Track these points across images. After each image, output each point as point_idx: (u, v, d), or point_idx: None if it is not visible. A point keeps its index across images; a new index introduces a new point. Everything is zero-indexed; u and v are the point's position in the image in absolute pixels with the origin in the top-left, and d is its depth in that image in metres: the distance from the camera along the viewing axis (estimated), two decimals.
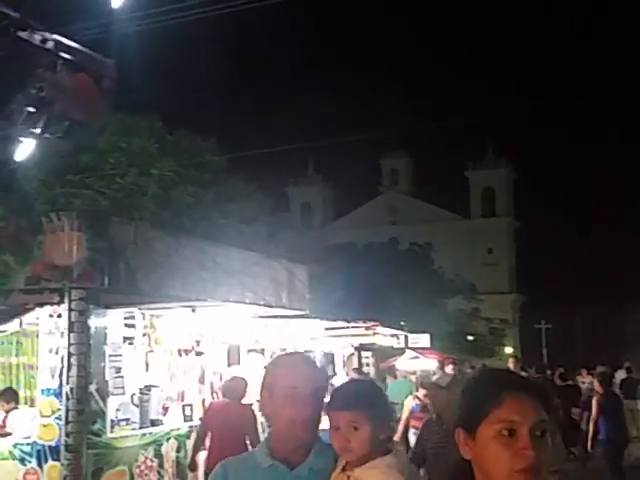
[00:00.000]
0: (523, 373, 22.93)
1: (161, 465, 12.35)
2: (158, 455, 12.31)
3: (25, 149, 23.04)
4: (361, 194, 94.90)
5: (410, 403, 13.68)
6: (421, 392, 12.17)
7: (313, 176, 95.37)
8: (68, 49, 22.17)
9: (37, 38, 21.64)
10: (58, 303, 11.18)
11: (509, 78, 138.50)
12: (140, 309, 12.31)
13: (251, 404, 11.63)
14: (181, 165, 30.62)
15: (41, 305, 11.36)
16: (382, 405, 3.27)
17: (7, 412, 12.22)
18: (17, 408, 12.37)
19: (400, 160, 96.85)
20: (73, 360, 10.92)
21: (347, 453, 3.09)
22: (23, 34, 21.18)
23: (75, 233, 11.40)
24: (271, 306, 15.44)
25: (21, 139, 22.55)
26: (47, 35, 22.02)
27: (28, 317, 11.68)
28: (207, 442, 11.37)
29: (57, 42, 22.39)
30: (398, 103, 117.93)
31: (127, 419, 11.82)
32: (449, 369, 19.58)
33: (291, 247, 33.18)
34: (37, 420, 10.98)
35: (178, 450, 12.79)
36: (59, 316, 11.18)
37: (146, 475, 12.01)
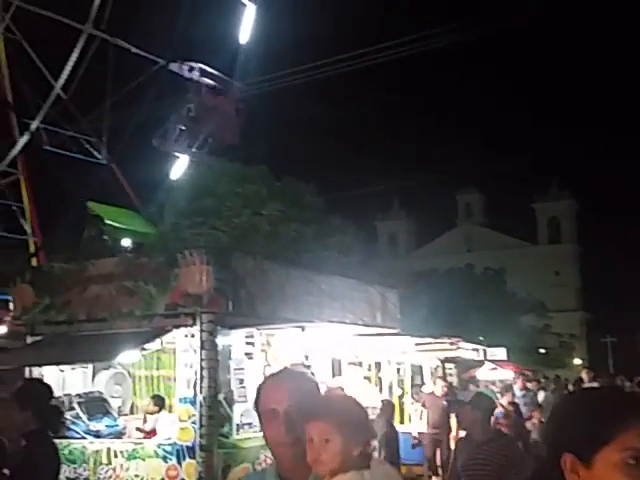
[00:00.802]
0: (595, 383, 22.17)
1: None
2: None
3: (179, 166, 23.85)
4: (440, 226, 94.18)
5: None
6: (504, 399, 11.96)
7: (398, 211, 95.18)
8: (210, 76, 23.01)
9: (185, 68, 22.51)
10: (191, 325, 11.52)
11: (569, 115, 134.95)
12: (258, 329, 12.52)
13: None
14: (286, 206, 31.11)
15: (178, 327, 11.71)
16: (356, 418, 2.72)
17: (151, 413, 12.58)
18: (159, 413, 12.72)
19: (473, 195, 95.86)
20: (205, 373, 11.21)
21: (318, 465, 2.65)
22: (174, 66, 22.11)
23: (204, 267, 11.75)
24: (367, 325, 15.46)
25: (176, 154, 23.31)
26: (193, 64, 22.90)
27: (167, 337, 12.05)
28: None
29: (201, 70, 23.23)
30: (470, 145, 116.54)
31: (250, 423, 11.99)
32: (531, 385, 19.14)
33: (381, 273, 33.17)
34: (176, 424, 11.29)
35: None
36: (192, 336, 11.51)
37: None
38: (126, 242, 22.35)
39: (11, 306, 13.00)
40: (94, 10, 22.82)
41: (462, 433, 9.73)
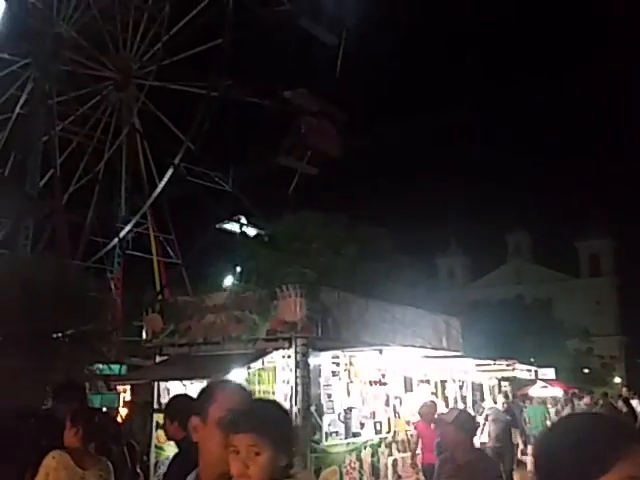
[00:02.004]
0: (635, 400, 20.98)
1: (361, 467, 12.33)
2: (358, 459, 12.31)
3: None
4: (492, 261, 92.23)
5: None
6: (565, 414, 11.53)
7: (455, 249, 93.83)
8: (315, 99, 23.46)
9: (293, 94, 23.03)
10: (288, 348, 11.65)
11: (606, 162, 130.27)
12: (343, 351, 12.53)
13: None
14: (362, 247, 31.20)
15: (277, 349, 11.86)
16: (286, 429, 2.36)
17: None
18: None
19: (521, 235, 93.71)
20: (299, 388, 11.29)
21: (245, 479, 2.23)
22: (287, 94, 22.73)
23: (298, 299, 11.91)
24: (434, 348, 15.26)
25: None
26: (301, 90, 23.40)
27: (267, 358, 12.19)
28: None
29: (308, 94, 23.63)
30: (518, 190, 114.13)
31: (336, 431, 11.96)
32: (586, 400, 18.28)
33: (442, 303, 32.66)
34: None
35: (372, 455, 12.72)
36: (289, 357, 11.64)
37: (350, 474, 12.02)
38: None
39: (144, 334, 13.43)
40: (214, 78, 23.66)
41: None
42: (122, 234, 25.00)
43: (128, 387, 17.30)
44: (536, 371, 24.95)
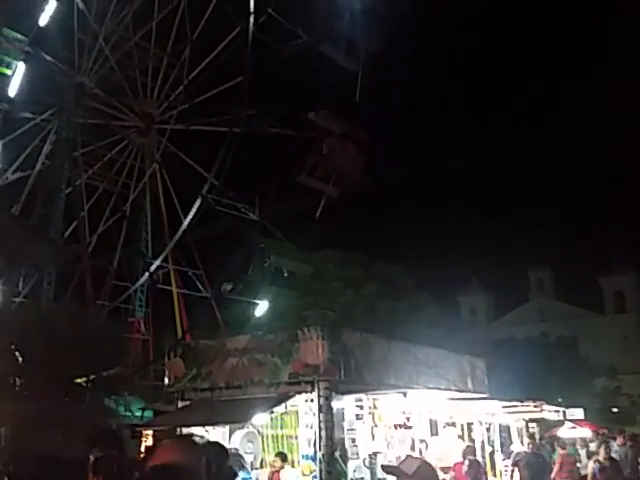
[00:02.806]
0: None
1: None
2: None
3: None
4: (515, 298, 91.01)
5: (591, 466, 12.48)
6: (601, 455, 11.13)
7: (477, 286, 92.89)
8: (338, 121, 23.68)
9: (316, 115, 23.23)
10: (311, 391, 11.52)
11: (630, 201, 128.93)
12: (366, 394, 12.35)
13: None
14: (382, 286, 31.02)
15: (299, 393, 11.73)
16: None
17: (278, 470, 12.45)
18: (284, 468, 12.58)
19: (544, 271, 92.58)
20: (323, 433, 11.10)
21: None
22: (311, 115, 22.97)
23: (320, 341, 11.83)
24: (460, 390, 14.98)
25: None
26: (324, 112, 23.58)
27: (290, 401, 12.05)
28: None
29: (330, 116, 23.83)
30: (538, 226, 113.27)
31: (361, 478, 11.70)
32: (620, 441, 17.69)
33: (465, 343, 32.14)
34: (300, 478, 11.15)
35: None
36: (311, 401, 11.50)
37: None
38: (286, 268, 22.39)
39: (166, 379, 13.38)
40: (215, 167, 24.34)
41: None
42: (143, 278, 25.22)
43: (150, 432, 17.15)
44: (564, 411, 24.30)
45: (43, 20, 25.48)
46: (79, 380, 14.80)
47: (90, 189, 26.23)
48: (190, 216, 24.08)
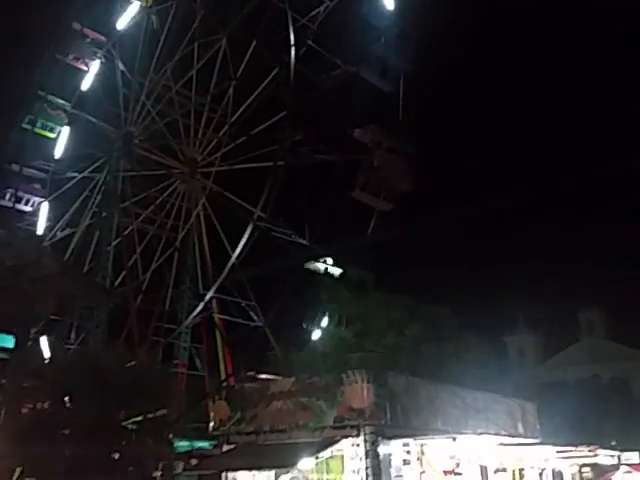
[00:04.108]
0: None
1: None
2: None
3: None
4: (564, 339, 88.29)
5: None
6: None
7: (524, 327, 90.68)
8: (388, 136, 23.94)
9: (363, 131, 23.53)
10: (356, 436, 11.36)
11: None
12: (414, 439, 12.09)
13: None
14: (427, 327, 30.48)
15: (345, 437, 11.57)
16: None
17: None
18: None
19: (593, 311, 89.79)
20: (369, 479, 10.88)
21: None
22: (357, 132, 23.26)
23: (365, 384, 11.72)
24: (510, 435, 14.56)
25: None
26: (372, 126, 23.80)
27: (336, 446, 11.89)
28: None
29: (380, 131, 24.04)
30: (587, 266, 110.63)
31: None
32: None
33: (513, 385, 31.20)
34: None
35: None
36: (357, 445, 11.32)
37: None
38: None
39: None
40: (262, 201, 24.90)
41: None
42: (188, 320, 25.49)
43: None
44: (619, 456, 23.30)
45: (85, 85, 27.00)
46: (126, 423, 14.88)
47: (139, 233, 26.88)
48: (241, 246, 24.47)
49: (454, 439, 11.98)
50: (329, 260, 24.67)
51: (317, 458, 11.87)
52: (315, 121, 25.13)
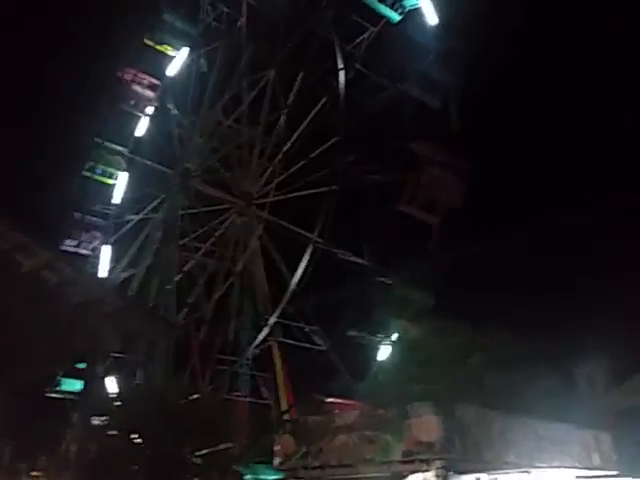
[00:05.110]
0: None
1: None
2: None
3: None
4: (635, 363, 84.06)
5: None
6: None
7: (593, 353, 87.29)
8: (439, 151, 23.98)
9: (417, 145, 23.65)
10: (426, 470, 11.12)
11: None
12: (487, 473, 11.76)
13: None
14: (489, 355, 29.74)
15: (414, 472, 11.35)
16: None
17: None
18: None
19: None
20: None
21: None
22: (413, 145, 23.43)
23: (433, 417, 11.51)
24: (586, 468, 13.94)
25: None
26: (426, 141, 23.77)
27: None
28: None
29: (432, 146, 23.99)
30: None
31: None
32: None
33: (584, 413, 29.91)
34: None
35: None
36: None
37: None
38: None
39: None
40: (318, 226, 25.23)
41: None
42: (250, 350, 25.67)
43: None
44: None
45: (140, 130, 28.26)
46: (192, 457, 15.08)
47: (198, 267, 27.51)
48: (300, 270, 24.79)
49: (528, 473, 11.60)
50: (391, 276, 24.57)
51: None
52: (366, 142, 25.41)
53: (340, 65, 25.83)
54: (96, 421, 16.12)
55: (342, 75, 25.85)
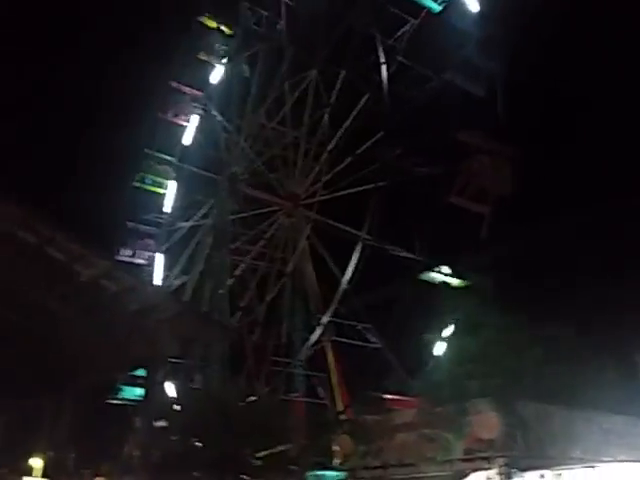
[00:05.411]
0: None
1: None
2: None
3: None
4: None
5: None
6: None
7: None
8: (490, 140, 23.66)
9: (467, 135, 23.38)
10: (488, 468, 10.94)
11: None
12: (551, 470, 11.46)
13: None
14: (549, 348, 29.05)
15: (475, 470, 11.19)
16: None
17: None
18: None
19: None
20: None
21: None
22: (462, 135, 23.07)
23: (493, 413, 11.32)
24: None
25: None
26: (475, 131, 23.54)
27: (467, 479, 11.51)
28: None
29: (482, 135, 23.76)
30: None
31: None
32: None
33: None
34: None
35: None
36: (490, 479, 10.89)
37: None
38: None
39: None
40: (367, 223, 25.22)
41: None
42: (304, 350, 25.82)
43: None
44: None
45: (187, 138, 28.83)
46: (252, 459, 15.27)
47: (249, 270, 27.87)
48: (351, 268, 24.83)
49: (593, 467, 11.27)
50: (445, 269, 24.27)
51: None
52: (411, 134, 25.21)
53: (382, 59, 25.73)
54: (157, 426, 16.50)
55: (384, 69, 25.73)
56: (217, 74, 29.60)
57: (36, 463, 18.24)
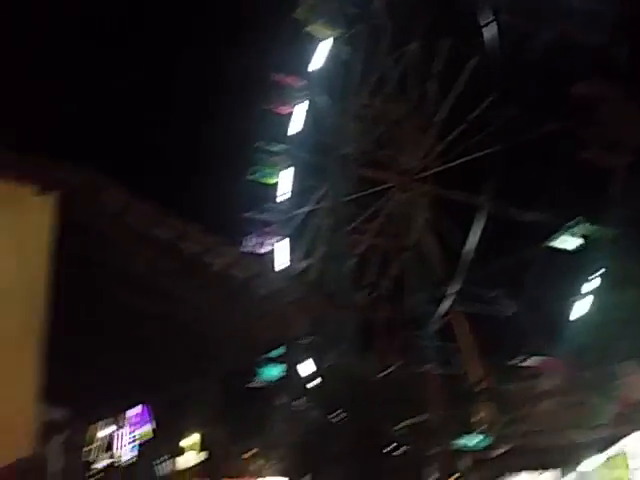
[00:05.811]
0: None
1: None
2: None
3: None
4: None
5: None
6: None
7: None
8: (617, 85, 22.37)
9: (587, 85, 22.05)
10: None
11: None
12: None
13: None
14: None
15: (628, 434, 10.79)
16: None
17: None
18: None
19: None
20: None
21: None
22: (580, 86, 21.95)
23: None
24: None
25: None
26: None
27: (622, 442, 11.10)
28: None
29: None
30: None
31: None
32: None
33: None
34: None
35: None
36: None
37: None
38: None
39: None
40: (487, 189, 24.48)
41: None
42: (435, 321, 25.63)
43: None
44: None
45: (294, 127, 29.33)
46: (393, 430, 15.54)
47: (370, 248, 28.10)
48: (474, 237, 24.36)
49: None
50: (579, 228, 22.81)
51: (602, 457, 11.22)
52: (526, 93, 24.07)
53: (486, 19, 24.75)
54: (298, 403, 17.15)
55: (490, 29, 24.74)
56: (319, 57, 29.80)
57: (194, 439, 19.67)
